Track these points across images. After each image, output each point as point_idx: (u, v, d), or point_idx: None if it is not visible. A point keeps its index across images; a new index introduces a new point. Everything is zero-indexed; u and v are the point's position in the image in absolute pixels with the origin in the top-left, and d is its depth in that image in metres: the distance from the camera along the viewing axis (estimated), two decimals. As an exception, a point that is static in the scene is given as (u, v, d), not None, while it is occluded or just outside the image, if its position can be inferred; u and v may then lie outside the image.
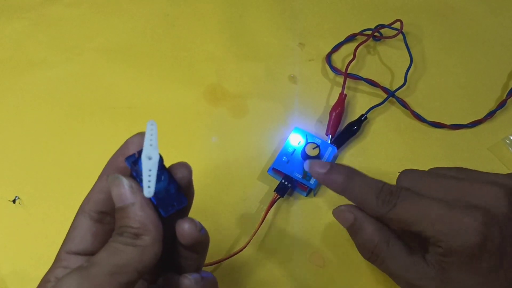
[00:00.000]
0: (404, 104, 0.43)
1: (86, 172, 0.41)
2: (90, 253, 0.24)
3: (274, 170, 0.39)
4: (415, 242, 0.30)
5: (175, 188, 0.24)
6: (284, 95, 0.45)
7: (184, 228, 0.24)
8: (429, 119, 0.43)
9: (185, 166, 0.25)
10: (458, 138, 0.43)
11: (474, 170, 0.31)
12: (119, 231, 0.23)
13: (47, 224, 0.39)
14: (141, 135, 0.25)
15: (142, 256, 0.22)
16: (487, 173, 0.30)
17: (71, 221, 0.39)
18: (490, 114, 0.43)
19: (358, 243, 0.31)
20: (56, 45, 0.47)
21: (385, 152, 0.42)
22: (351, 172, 0.30)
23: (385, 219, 0.29)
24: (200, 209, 0.29)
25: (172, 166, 0.25)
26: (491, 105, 0.44)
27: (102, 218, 0.25)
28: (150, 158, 0.23)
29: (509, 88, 0.44)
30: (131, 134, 0.42)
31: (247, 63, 0.46)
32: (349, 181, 0.30)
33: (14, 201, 0.40)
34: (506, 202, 0.27)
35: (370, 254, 0.30)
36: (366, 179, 0.30)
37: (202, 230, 0.25)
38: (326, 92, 0.45)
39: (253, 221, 0.39)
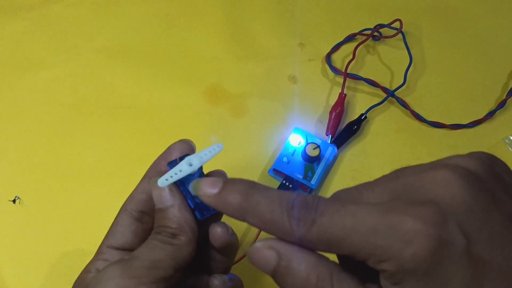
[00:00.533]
0: (403, 104, 0.43)
1: (86, 172, 0.41)
2: (128, 249, 0.26)
3: (275, 171, 0.39)
4: (368, 271, 0.20)
5: None
6: (284, 95, 0.45)
7: (217, 231, 0.25)
8: (429, 119, 0.43)
9: (222, 174, 0.27)
10: (458, 138, 0.43)
11: (422, 164, 0.21)
12: (158, 230, 0.25)
13: (47, 224, 0.39)
14: (184, 142, 0.27)
15: (177, 254, 0.24)
16: (436, 161, 0.21)
17: (71, 220, 0.39)
18: (490, 114, 0.43)
19: None
20: (56, 45, 0.47)
21: (385, 152, 0.42)
22: (251, 187, 0.21)
23: (305, 242, 0.20)
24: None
25: (209, 173, 0.27)
26: (491, 105, 0.44)
27: (142, 217, 0.27)
28: (190, 165, 0.24)
29: (509, 88, 0.44)
30: (131, 134, 0.43)
31: (247, 63, 0.46)
32: (248, 200, 0.21)
33: (14, 201, 0.40)
34: (461, 186, 0.18)
35: None
36: (271, 193, 0.21)
37: (232, 235, 0.26)
38: (326, 92, 0.45)
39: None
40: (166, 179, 0.24)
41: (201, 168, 0.25)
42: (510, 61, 0.47)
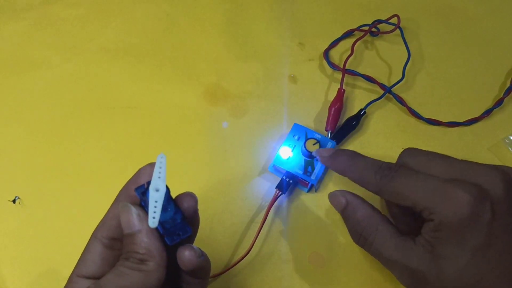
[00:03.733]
0: (400, 101, 0.43)
1: (86, 172, 0.41)
2: (99, 277, 0.25)
3: (275, 167, 0.39)
4: (408, 225, 0.32)
5: (180, 218, 0.25)
6: (284, 94, 0.45)
7: (184, 254, 0.25)
8: (425, 116, 0.43)
9: (191, 196, 0.26)
10: (454, 136, 0.43)
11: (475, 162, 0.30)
12: (125, 256, 0.24)
13: (47, 224, 0.39)
14: (152, 165, 0.26)
15: (146, 280, 0.23)
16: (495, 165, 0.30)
17: (71, 220, 0.39)
18: (487, 113, 0.43)
19: (349, 227, 0.32)
20: (56, 45, 0.47)
21: (384, 147, 0.42)
22: (354, 153, 0.32)
23: (383, 192, 0.30)
24: (202, 210, 0.30)
25: (178, 196, 0.26)
26: (488, 104, 0.44)
27: (113, 244, 0.26)
28: (157, 190, 0.24)
29: (507, 87, 0.44)
30: (131, 134, 0.43)
31: (247, 63, 0.46)
32: (351, 161, 0.32)
33: (14, 201, 0.39)
34: (502, 185, 0.27)
35: (359, 236, 0.31)
36: (368, 159, 0.32)
37: (202, 257, 0.26)
38: (324, 88, 0.45)
39: (255, 218, 0.39)
40: (154, 217, 0.24)
41: (168, 190, 0.25)
42: (509, 60, 0.47)
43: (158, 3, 0.50)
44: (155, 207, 0.24)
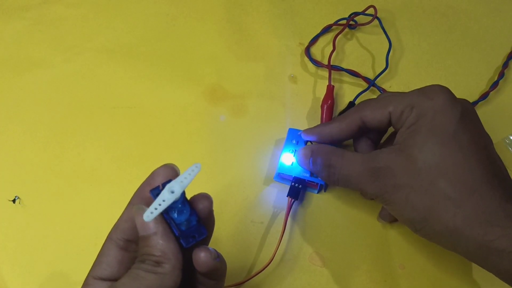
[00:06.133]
0: (383, 92, 0.44)
1: (86, 171, 0.41)
2: (115, 279, 0.25)
3: (280, 175, 0.39)
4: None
5: (196, 220, 0.25)
6: (284, 94, 0.45)
7: (200, 256, 0.25)
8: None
9: (206, 198, 0.26)
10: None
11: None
12: (141, 259, 0.24)
13: (47, 224, 0.39)
14: (167, 166, 0.26)
15: (162, 283, 0.23)
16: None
17: (71, 220, 0.39)
18: (473, 105, 0.43)
19: (320, 168, 0.34)
20: (56, 45, 0.47)
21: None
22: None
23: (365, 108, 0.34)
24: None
25: (193, 197, 0.26)
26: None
27: (128, 246, 0.26)
28: (172, 192, 0.24)
29: (494, 81, 0.44)
30: (131, 134, 0.43)
31: (247, 63, 0.46)
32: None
33: (14, 201, 0.40)
34: (460, 100, 0.32)
35: (329, 167, 0.33)
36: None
37: (217, 259, 0.26)
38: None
39: (269, 227, 0.39)
40: (151, 212, 0.23)
41: (183, 192, 0.24)
42: (499, 55, 0.47)
43: (158, 3, 0.49)
44: (159, 205, 0.23)
